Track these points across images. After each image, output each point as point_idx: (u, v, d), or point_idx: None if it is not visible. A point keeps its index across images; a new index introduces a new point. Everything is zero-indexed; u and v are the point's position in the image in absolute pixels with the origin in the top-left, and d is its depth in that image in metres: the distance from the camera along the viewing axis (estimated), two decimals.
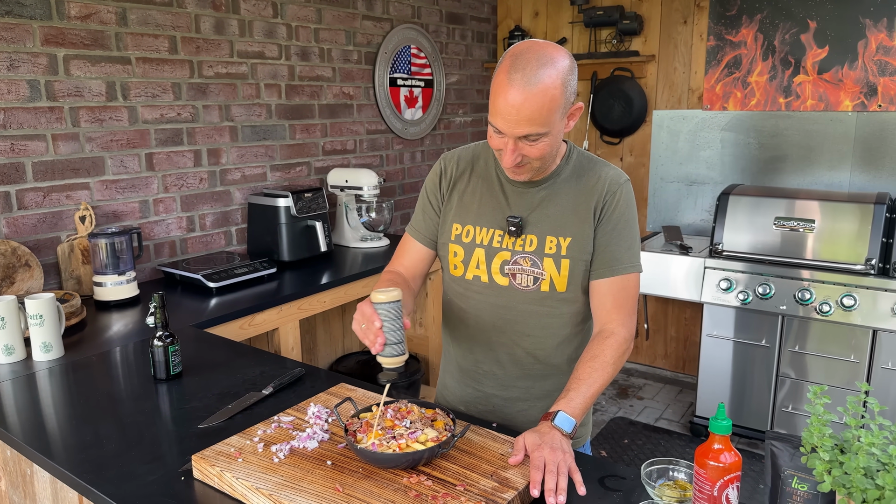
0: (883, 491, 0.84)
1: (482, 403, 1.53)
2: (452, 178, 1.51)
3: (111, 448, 1.34)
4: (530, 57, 1.22)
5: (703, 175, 3.82)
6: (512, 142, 1.27)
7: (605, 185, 1.39)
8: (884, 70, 3.24)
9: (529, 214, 1.41)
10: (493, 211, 1.44)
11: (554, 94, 1.22)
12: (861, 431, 0.89)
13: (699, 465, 1.02)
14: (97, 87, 2.40)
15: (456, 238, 1.48)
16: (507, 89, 1.22)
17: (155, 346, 1.63)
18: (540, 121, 1.23)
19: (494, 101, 1.25)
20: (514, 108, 1.22)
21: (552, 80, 1.22)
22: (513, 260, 1.41)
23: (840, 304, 2.88)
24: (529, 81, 1.21)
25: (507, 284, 1.43)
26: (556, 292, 1.41)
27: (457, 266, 1.48)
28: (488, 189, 1.46)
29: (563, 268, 1.39)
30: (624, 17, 3.79)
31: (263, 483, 1.11)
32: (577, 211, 1.39)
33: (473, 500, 1.06)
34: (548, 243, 1.39)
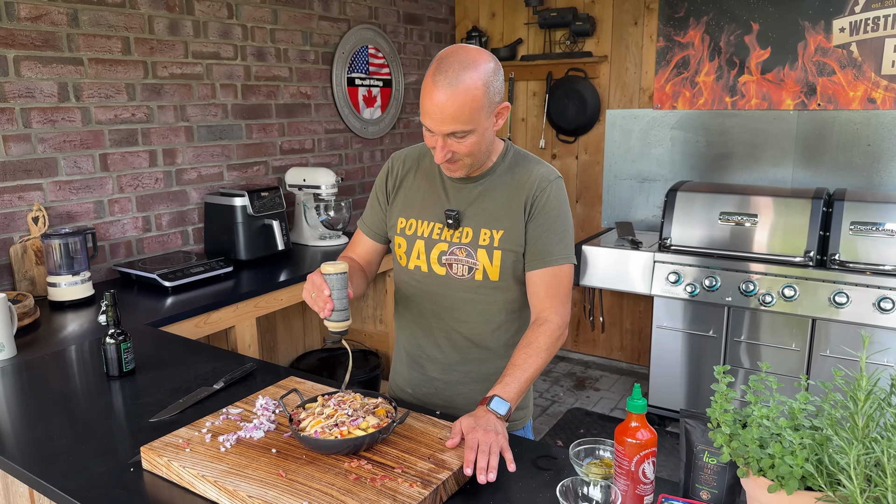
0: (774, 459, 0.92)
1: (426, 386, 1.62)
2: (399, 176, 1.61)
3: (62, 443, 1.37)
4: (454, 60, 1.32)
5: (654, 172, 3.94)
6: (441, 139, 1.36)
7: (536, 182, 1.48)
8: (822, 70, 3.39)
9: (466, 208, 1.50)
10: (433, 205, 1.54)
11: (476, 95, 1.32)
12: (757, 406, 0.97)
13: (618, 443, 1.10)
14: (49, 88, 2.40)
15: (401, 231, 1.58)
16: (433, 90, 1.31)
17: (107, 343, 1.66)
18: (464, 119, 1.32)
19: (423, 102, 1.35)
20: (439, 108, 1.31)
21: (474, 82, 1.31)
22: (449, 251, 1.51)
23: (781, 295, 3.01)
24: (452, 83, 1.30)
25: (444, 274, 1.52)
26: (490, 281, 1.50)
27: (401, 257, 1.59)
28: (430, 185, 1.56)
29: (496, 258, 1.48)
30: (577, 18, 3.88)
31: (209, 471, 1.16)
32: (509, 206, 1.48)
33: (410, 480, 1.13)
34: (482, 235, 1.49)
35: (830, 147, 3.45)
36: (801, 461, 0.89)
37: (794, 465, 0.89)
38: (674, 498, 1.12)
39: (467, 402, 1.57)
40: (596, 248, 3.49)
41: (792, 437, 0.92)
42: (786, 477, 0.91)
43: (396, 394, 1.70)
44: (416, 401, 1.64)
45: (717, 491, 1.10)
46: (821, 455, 0.91)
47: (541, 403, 3.78)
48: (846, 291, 2.87)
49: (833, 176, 3.46)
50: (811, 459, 0.91)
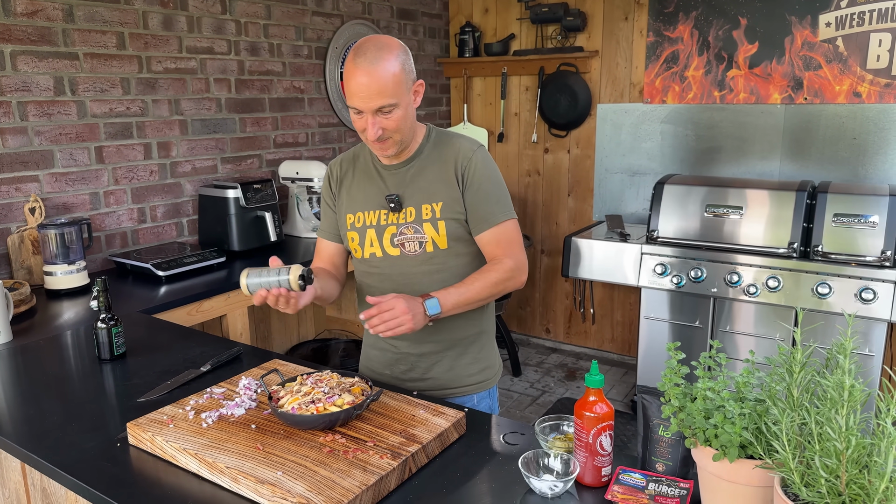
0: (717, 429, 0.98)
1: (402, 363, 1.72)
2: (338, 178, 1.73)
3: (53, 421, 1.43)
4: (368, 45, 1.47)
5: (644, 166, 3.99)
6: (370, 116, 1.48)
7: (461, 154, 1.62)
8: (808, 65, 3.43)
9: (404, 190, 1.63)
10: (375, 195, 1.66)
11: (394, 70, 1.47)
12: (703, 380, 1.03)
13: (577, 416, 1.15)
14: (45, 82, 2.46)
15: (351, 226, 1.69)
16: (356, 72, 1.45)
17: (98, 327, 1.72)
18: (388, 92, 1.46)
19: (348, 85, 1.48)
20: (365, 86, 1.45)
21: (390, 60, 1.47)
22: (399, 231, 1.63)
23: (766, 286, 3.06)
24: (372, 62, 1.45)
25: (398, 254, 1.64)
26: (440, 250, 1.62)
27: (356, 249, 1.69)
28: (368, 178, 1.68)
29: (441, 228, 1.61)
30: (568, 13, 3.93)
31: (190, 445, 1.22)
32: (442, 179, 1.62)
33: (380, 453, 1.18)
34: (424, 211, 1.61)
35: (817, 140, 3.49)
36: (738, 429, 0.94)
37: (733, 433, 0.95)
38: (631, 470, 1.18)
39: (443, 369, 1.69)
40: (587, 241, 3.54)
41: (733, 408, 0.97)
42: (727, 445, 0.97)
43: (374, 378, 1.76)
44: (395, 380, 1.72)
45: (672, 463, 1.16)
46: (759, 424, 0.96)
47: (531, 393, 3.84)
48: (829, 282, 2.92)
49: (819, 169, 3.51)
50: (751, 428, 0.97)
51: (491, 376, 1.77)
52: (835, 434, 0.85)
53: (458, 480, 1.18)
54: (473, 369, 1.73)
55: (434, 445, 1.24)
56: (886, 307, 2.82)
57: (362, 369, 1.83)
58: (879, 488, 0.83)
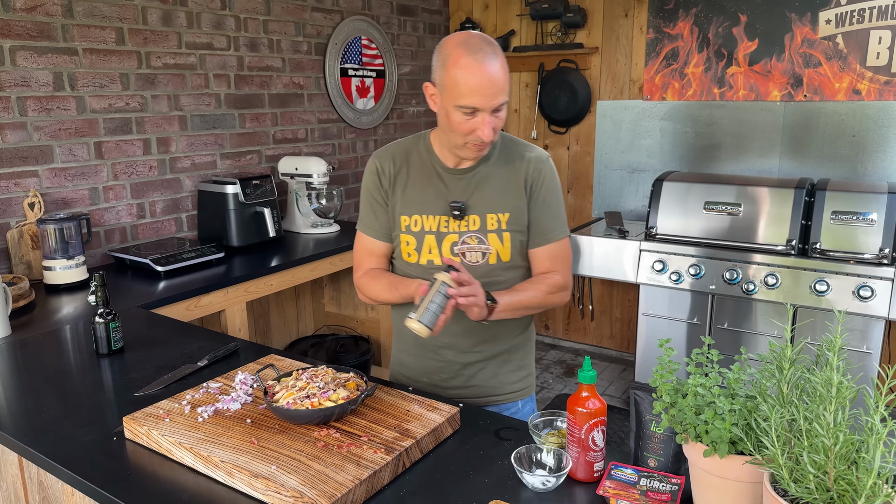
0: (707, 425, 0.99)
1: (444, 371, 1.68)
2: (391, 175, 1.63)
3: (50, 415, 1.44)
4: (477, 41, 1.42)
5: (643, 163, 3.99)
6: (488, 116, 1.43)
7: (532, 165, 1.59)
8: (808, 62, 3.43)
9: (469, 198, 1.57)
10: (435, 199, 1.59)
11: (506, 66, 1.44)
12: (694, 376, 1.03)
13: (570, 412, 1.16)
14: (44, 78, 2.46)
15: (406, 229, 1.61)
16: (476, 68, 1.39)
17: (96, 322, 1.73)
18: (506, 89, 1.44)
19: (466, 83, 1.40)
20: (491, 82, 1.40)
21: (501, 55, 1.44)
22: (461, 240, 1.58)
23: (764, 283, 3.06)
24: (492, 58, 1.41)
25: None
26: (502, 262, 1.60)
27: (410, 254, 1.62)
28: (428, 180, 1.60)
29: (506, 240, 1.58)
30: (568, 10, 3.93)
31: (186, 439, 1.23)
32: (509, 189, 1.57)
33: (374, 447, 1.19)
34: (489, 221, 1.57)
35: (816, 138, 3.49)
36: (728, 425, 0.95)
37: (723, 429, 0.95)
38: (623, 465, 1.18)
39: (487, 376, 1.66)
40: (586, 238, 3.54)
41: (723, 404, 0.98)
42: (717, 441, 0.97)
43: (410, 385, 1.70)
44: (434, 387, 1.68)
45: (664, 458, 1.17)
46: (749, 420, 0.97)
47: None
48: (827, 280, 2.93)
49: (818, 166, 3.51)
50: (741, 425, 0.97)
51: (531, 383, 1.76)
52: (823, 430, 0.85)
53: (451, 475, 1.19)
54: (516, 377, 1.71)
55: (428, 440, 1.25)
56: (884, 305, 2.82)
57: (395, 375, 1.79)
58: (867, 484, 0.83)
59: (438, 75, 1.46)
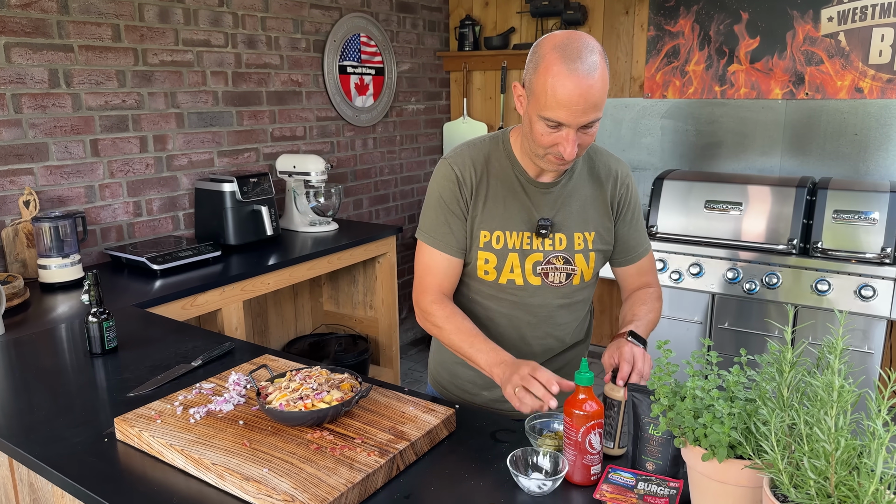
0: (706, 428, 0.97)
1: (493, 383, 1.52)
2: (472, 186, 1.47)
3: (42, 415, 1.42)
4: (579, 45, 1.25)
5: (644, 161, 3.97)
6: (573, 132, 1.27)
7: (618, 179, 1.51)
8: (810, 60, 3.41)
9: (555, 214, 1.47)
10: (519, 214, 1.46)
11: (606, 79, 1.27)
12: (692, 379, 1.02)
13: (566, 415, 1.14)
14: (39, 75, 2.45)
15: (485, 245, 1.47)
16: (568, 79, 1.23)
17: (90, 321, 1.71)
18: (601, 105, 1.27)
19: (555, 94, 1.24)
20: (583, 98, 1.23)
21: (603, 65, 1.27)
22: (546, 260, 1.47)
23: (765, 283, 3.04)
24: (590, 70, 1.24)
25: (540, 284, 1.49)
26: (585, 282, 1.53)
27: (488, 272, 1.49)
28: (510, 192, 1.47)
29: (591, 260, 1.50)
30: (568, 7, 3.90)
31: (177, 440, 1.21)
32: (596, 205, 1.49)
33: (368, 450, 1.17)
34: (576, 240, 1.48)
35: (818, 136, 3.47)
36: (727, 429, 0.93)
37: (722, 433, 0.93)
38: (620, 468, 1.17)
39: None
40: None
41: (722, 407, 0.96)
42: (716, 445, 0.95)
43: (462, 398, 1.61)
44: (493, 402, 1.57)
45: (662, 462, 1.15)
46: (749, 424, 0.95)
47: None
48: (828, 279, 2.91)
49: (820, 165, 3.48)
50: (740, 428, 0.95)
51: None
52: (824, 435, 0.83)
53: (446, 478, 1.17)
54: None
55: (423, 443, 1.23)
56: (886, 304, 2.80)
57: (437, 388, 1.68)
58: (869, 490, 0.81)
59: (529, 78, 1.31)
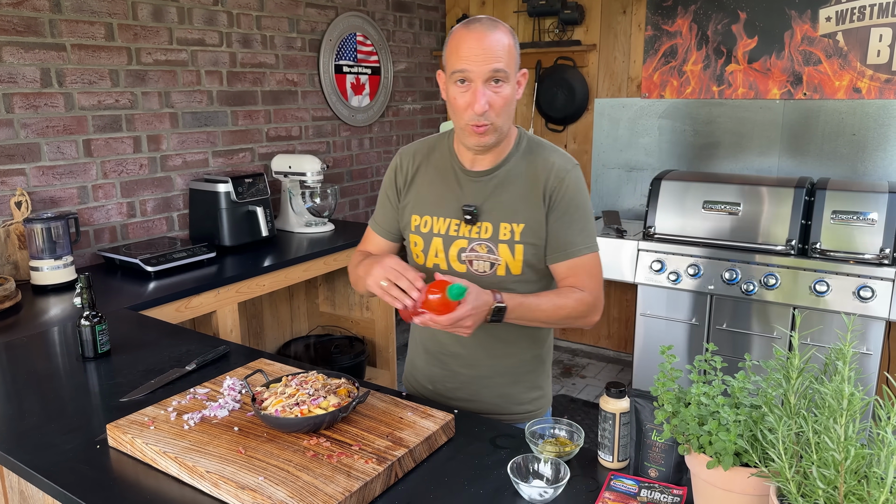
0: (711, 436, 0.95)
1: (450, 381, 1.60)
2: (408, 173, 1.57)
3: (32, 421, 1.39)
4: (482, 18, 1.39)
5: (641, 161, 3.95)
6: (480, 86, 1.35)
7: (553, 173, 1.46)
8: (808, 60, 3.39)
9: (483, 203, 1.47)
10: (449, 201, 1.51)
11: (509, 42, 1.37)
12: (697, 385, 1.00)
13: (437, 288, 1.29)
14: (31, 74, 2.41)
15: (415, 229, 1.55)
16: (468, 35, 1.34)
17: (82, 325, 1.68)
18: (504, 58, 1.34)
19: (458, 50, 1.35)
20: (481, 46, 1.33)
21: (505, 31, 1.37)
22: (469, 247, 1.48)
23: (763, 284, 3.03)
24: (488, 27, 1.35)
25: (465, 271, 1.49)
26: (512, 275, 1.48)
27: (418, 255, 1.55)
28: (443, 180, 1.53)
29: (518, 252, 1.46)
30: (565, 6, 3.88)
31: (171, 447, 1.19)
32: (528, 197, 1.46)
33: (366, 457, 1.15)
34: (502, 230, 1.46)
35: (816, 136, 3.46)
36: (733, 437, 0.91)
37: (728, 441, 0.91)
38: (623, 476, 1.15)
39: (493, 394, 1.57)
40: None
41: (728, 414, 0.94)
42: (722, 453, 0.93)
43: (416, 390, 1.68)
44: (437, 396, 1.61)
45: (665, 469, 1.13)
46: (755, 432, 0.93)
47: None
48: (827, 280, 2.89)
49: (818, 165, 3.47)
50: (746, 436, 0.93)
51: (543, 405, 1.65)
52: (833, 444, 0.81)
53: (445, 486, 1.15)
54: (525, 397, 1.60)
55: (421, 449, 1.21)
56: (885, 305, 2.79)
57: (409, 378, 1.72)
58: (879, 500, 0.80)
59: (444, 58, 1.42)
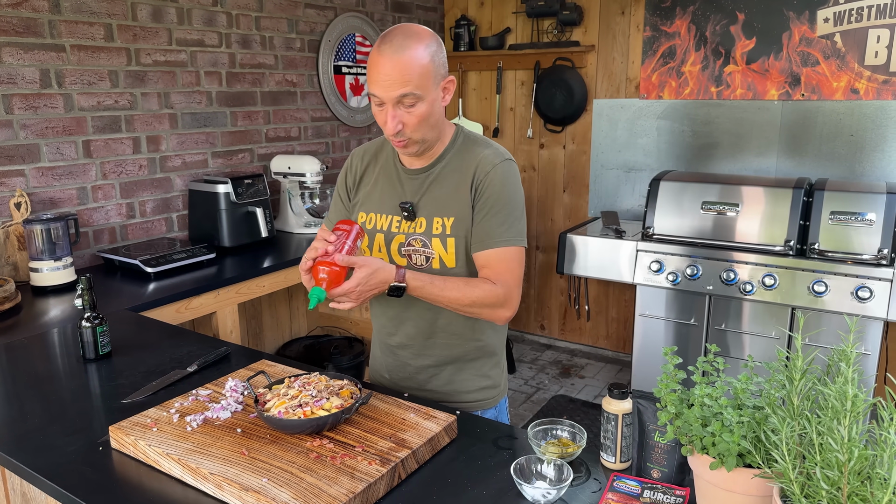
0: (714, 437, 0.95)
1: (401, 371, 1.66)
2: (358, 173, 1.63)
3: (34, 423, 1.39)
4: (397, 32, 1.37)
5: (640, 162, 3.96)
6: (391, 107, 1.38)
7: (480, 166, 1.49)
8: (806, 61, 3.40)
9: (420, 199, 1.52)
10: (390, 198, 1.56)
11: (422, 61, 1.36)
12: (700, 386, 1.00)
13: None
14: (31, 75, 2.41)
15: (361, 226, 1.58)
16: (379, 59, 1.35)
17: (83, 326, 1.68)
18: (412, 82, 1.35)
19: (370, 73, 1.38)
20: (386, 73, 1.35)
21: (418, 48, 1.36)
22: (407, 242, 1.53)
23: (762, 284, 3.04)
24: (398, 49, 1.35)
25: (405, 265, 1.54)
26: (447, 268, 1.51)
27: (364, 251, 1.60)
28: (387, 178, 1.58)
29: (450, 246, 1.50)
30: (564, 7, 3.89)
31: (174, 449, 1.19)
32: (458, 192, 1.50)
33: (369, 459, 1.15)
34: (434, 224, 1.50)
35: (814, 137, 3.47)
36: (737, 438, 0.91)
37: (732, 442, 0.92)
38: (626, 476, 1.15)
39: (441, 382, 1.61)
40: (582, 237, 3.51)
41: (731, 416, 0.94)
42: (725, 454, 0.94)
43: (376, 379, 1.74)
44: (393, 385, 1.67)
45: (668, 469, 1.13)
46: (759, 433, 0.93)
47: (525, 390, 3.81)
48: (825, 280, 2.90)
49: (816, 166, 3.48)
50: (749, 437, 0.94)
51: (493, 395, 1.66)
52: (837, 445, 0.82)
53: (448, 487, 1.15)
54: (472, 386, 1.63)
55: (424, 450, 1.21)
56: (882, 306, 2.80)
57: (371, 369, 1.79)
58: (882, 501, 0.80)
59: None
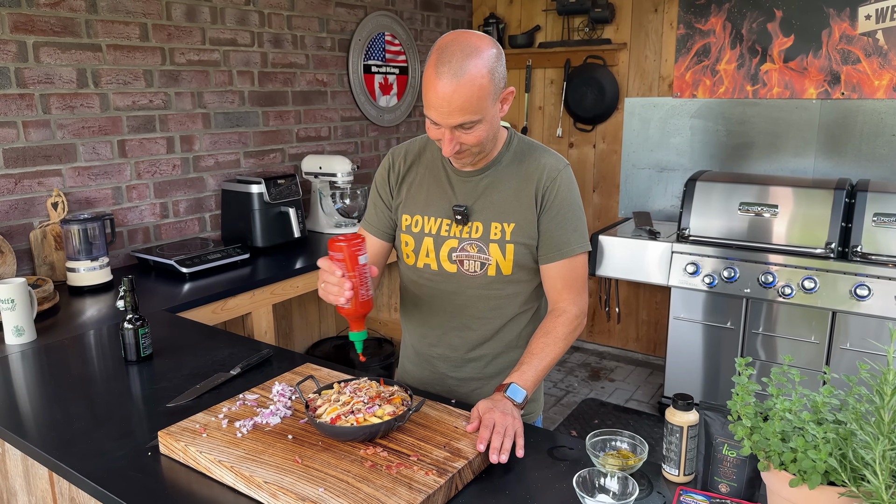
0: (796, 453, 0.91)
1: (438, 384, 1.60)
2: (400, 172, 1.56)
3: (81, 426, 1.38)
4: (455, 49, 1.27)
5: (673, 161, 3.90)
6: (448, 131, 1.32)
7: (545, 173, 1.44)
8: (846, 59, 3.32)
9: (474, 202, 1.47)
10: (439, 200, 1.50)
11: (482, 83, 1.27)
12: (779, 399, 0.96)
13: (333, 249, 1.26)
14: (68, 74, 2.41)
15: (406, 228, 1.54)
16: (436, 82, 1.27)
17: (125, 328, 1.67)
18: (471, 109, 1.28)
19: (426, 94, 1.31)
20: (445, 101, 1.27)
21: (478, 70, 1.27)
22: (460, 247, 1.47)
23: (801, 287, 2.97)
24: (457, 73, 1.25)
25: (455, 271, 1.49)
26: (503, 276, 1.47)
27: (408, 255, 1.55)
28: (435, 179, 1.52)
29: (509, 252, 1.45)
30: (596, 5, 3.83)
31: (226, 456, 1.16)
32: (519, 197, 1.45)
33: (425, 468, 1.12)
34: (493, 230, 1.45)
35: (854, 137, 3.39)
36: (824, 456, 0.87)
37: (818, 460, 0.87)
38: (692, 491, 1.11)
39: (480, 397, 1.53)
40: (612, 238, 3.46)
41: (815, 432, 0.90)
42: (808, 471, 0.89)
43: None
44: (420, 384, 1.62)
45: (737, 484, 1.09)
46: (844, 450, 0.89)
47: (555, 393, 3.77)
48: (868, 284, 2.83)
49: (856, 166, 3.40)
50: (834, 454, 0.89)
51: (533, 410, 1.62)
52: None
53: (506, 499, 1.12)
54: None
55: (479, 461, 1.18)
56: None
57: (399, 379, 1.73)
58: None
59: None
